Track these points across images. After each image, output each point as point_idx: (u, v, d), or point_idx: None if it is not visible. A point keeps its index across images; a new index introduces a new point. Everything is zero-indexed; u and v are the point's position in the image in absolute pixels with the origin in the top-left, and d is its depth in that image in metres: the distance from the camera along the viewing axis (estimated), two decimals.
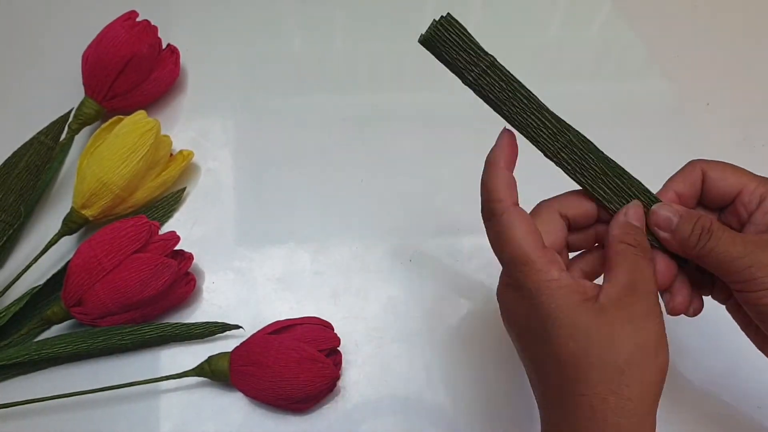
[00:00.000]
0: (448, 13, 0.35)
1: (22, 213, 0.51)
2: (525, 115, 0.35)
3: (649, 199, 0.37)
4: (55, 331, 0.49)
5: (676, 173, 0.38)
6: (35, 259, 0.49)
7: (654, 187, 0.37)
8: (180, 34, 0.61)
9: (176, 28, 0.62)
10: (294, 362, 0.44)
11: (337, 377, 0.46)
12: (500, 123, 0.37)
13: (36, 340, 0.48)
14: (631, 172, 0.37)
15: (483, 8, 0.66)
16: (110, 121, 0.52)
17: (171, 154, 0.54)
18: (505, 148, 0.36)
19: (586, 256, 0.38)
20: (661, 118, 0.60)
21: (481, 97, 0.36)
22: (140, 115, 0.52)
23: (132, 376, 0.46)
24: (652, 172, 0.38)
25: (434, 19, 0.35)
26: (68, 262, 0.47)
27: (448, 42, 0.35)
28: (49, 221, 0.53)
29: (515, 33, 0.64)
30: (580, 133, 0.36)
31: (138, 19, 0.55)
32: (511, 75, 0.35)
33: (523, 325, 0.35)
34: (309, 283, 0.51)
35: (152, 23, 0.56)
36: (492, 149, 0.36)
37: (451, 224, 0.53)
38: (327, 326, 0.47)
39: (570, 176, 0.36)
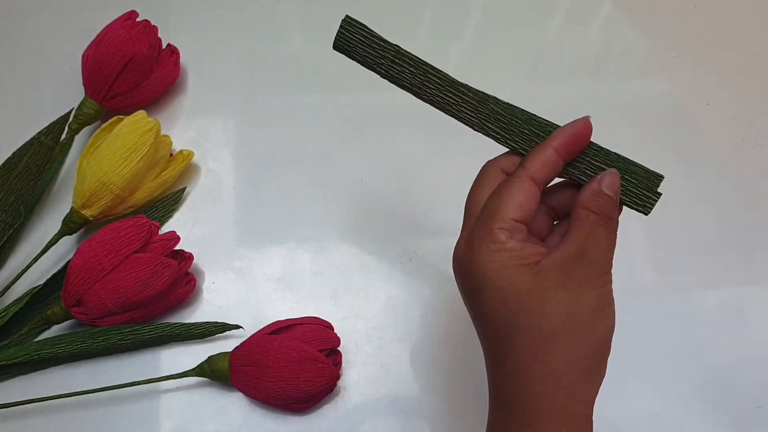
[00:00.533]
0: (346, 15, 0.36)
1: (22, 213, 0.51)
2: (442, 95, 0.36)
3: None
4: (55, 331, 0.49)
5: None
6: (35, 259, 0.49)
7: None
8: (180, 34, 0.61)
9: (176, 28, 0.62)
10: (294, 362, 0.44)
11: (337, 377, 0.46)
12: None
13: (36, 340, 0.48)
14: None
15: (483, 8, 0.66)
16: (110, 121, 0.52)
17: (171, 154, 0.54)
18: (569, 133, 0.35)
19: (557, 191, 0.37)
20: (661, 118, 0.60)
21: (399, 86, 0.37)
22: (140, 115, 0.51)
23: (132, 376, 0.46)
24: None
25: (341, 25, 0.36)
26: (68, 262, 0.47)
27: (353, 42, 0.36)
28: (49, 221, 0.53)
29: (515, 33, 0.64)
30: (500, 100, 0.36)
31: (138, 19, 0.55)
32: (419, 59, 0.36)
33: (466, 287, 0.34)
34: (309, 283, 0.51)
35: (152, 23, 0.56)
36: (562, 127, 0.35)
37: (451, 224, 0.53)
38: (327, 326, 0.47)
39: (503, 145, 0.36)
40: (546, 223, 0.37)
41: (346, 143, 0.57)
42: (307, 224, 0.54)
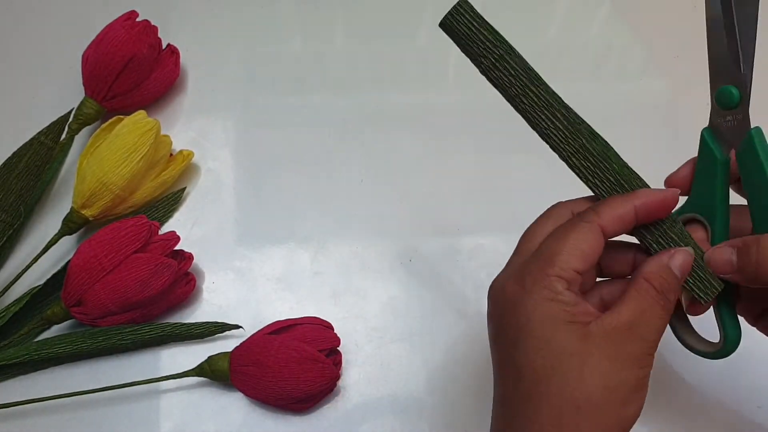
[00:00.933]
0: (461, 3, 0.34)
1: (22, 213, 0.51)
2: (534, 113, 0.34)
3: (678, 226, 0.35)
4: (55, 331, 0.49)
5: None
6: (35, 259, 0.49)
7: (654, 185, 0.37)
8: (180, 34, 0.61)
9: (176, 28, 0.61)
10: (294, 362, 0.44)
11: (337, 377, 0.46)
12: (501, 124, 0.37)
13: (36, 340, 0.48)
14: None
15: (483, 8, 0.66)
16: (110, 121, 0.52)
17: (171, 154, 0.54)
18: (657, 199, 0.33)
19: (614, 283, 0.35)
20: (661, 118, 0.60)
21: (495, 88, 0.35)
22: (140, 115, 0.51)
23: (132, 376, 0.46)
24: (652, 172, 0.38)
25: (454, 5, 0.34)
26: (68, 262, 0.47)
27: (461, 30, 0.34)
28: (49, 221, 0.53)
29: (515, 33, 0.64)
30: (596, 135, 0.34)
31: (138, 19, 0.55)
32: (521, 70, 0.34)
33: (501, 322, 0.32)
34: (309, 283, 0.51)
35: (152, 23, 0.56)
36: (650, 190, 0.34)
37: (451, 224, 0.53)
38: (327, 326, 0.47)
39: (583, 182, 0.35)
40: (592, 278, 0.35)
41: (346, 143, 0.57)
42: (307, 224, 0.54)
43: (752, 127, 0.34)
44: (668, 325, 0.35)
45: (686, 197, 0.38)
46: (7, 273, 0.51)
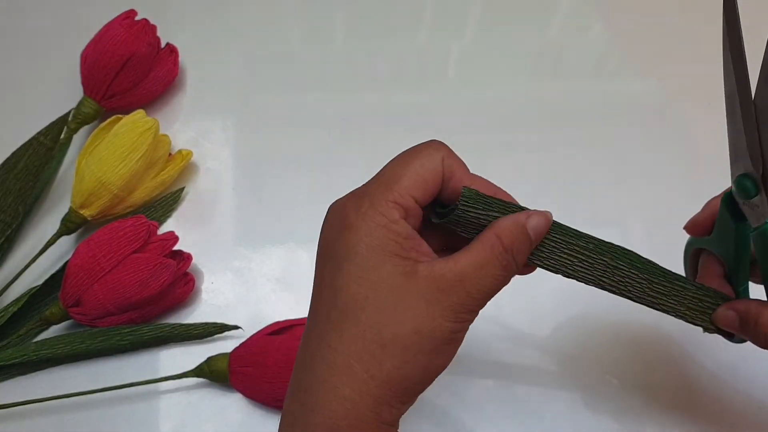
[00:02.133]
0: (463, 192, 0.31)
1: (21, 213, 0.51)
2: (557, 257, 0.33)
3: (707, 297, 0.35)
4: (53, 331, 0.48)
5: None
6: (34, 259, 0.49)
7: (655, 190, 0.37)
8: (179, 34, 0.60)
9: (175, 28, 0.61)
10: (293, 363, 0.43)
11: None
12: (500, 124, 0.37)
13: (34, 340, 0.48)
14: (630, 172, 0.35)
15: (483, 8, 0.66)
16: (109, 120, 0.52)
17: (170, 154, 0.54)
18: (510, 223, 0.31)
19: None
20: (661, 118, 0.59)
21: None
22: (139, 114, 0.51)
23: (131, 376, 0.46)
24: (653, 172, 0.38)
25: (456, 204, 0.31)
26: (67, 262, 0.47)
27: (472, 215, 0.31)
28: (48, 221, 0.53)
29: (515, 33, 0.64)
30: (618, 249, 0.33)
31: (137, 18, 0.55)
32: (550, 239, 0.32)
33: (332, 243, 0.30)
34: (309, 283, 0.51)
35: (151, 22, 0.56)
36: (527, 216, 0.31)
37: None
38: None
39: (618, 295, 0.34)
40: (440, 240, 0.33)
41: (346, 143, 0.57)
42: (307, 224, 0.53)
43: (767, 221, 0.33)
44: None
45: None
46: (5, 273, 0.51)
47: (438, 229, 0.32)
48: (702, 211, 0.38)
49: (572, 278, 0.33)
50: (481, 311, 0.30)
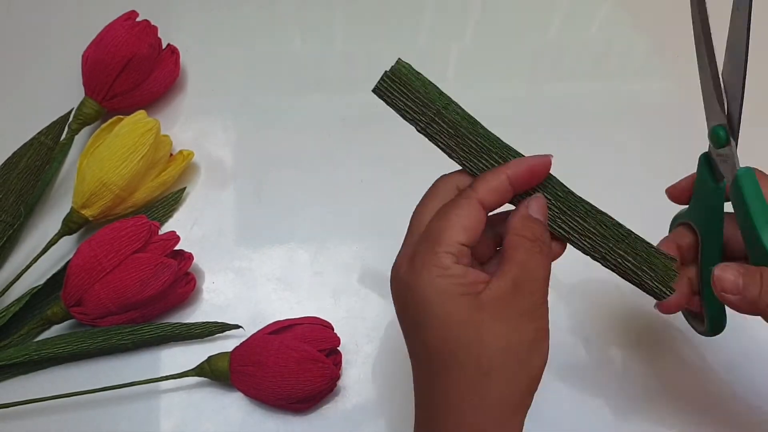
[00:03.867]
0: (398, 60, 0.35)
1: (22, 213, 0.51)
2: (475, 160, 0.35)
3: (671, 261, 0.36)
4: (54, 331, 0.49)
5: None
6: (35, 259, 0.49)
7: (655, 190, 0.37)
8: (180, 34, 0.61)
9: (176, 28, 0.61)
10: (294, 362, 0.44)
11: (337, 377, 0.46)
12: (500, 124, 0.37)
13: (36, 340, 0.48)
14: (630, 172, 0.36)
15: (483, 9, 0.66)
16: (110, 121, 0.52)
17: (171, 154, 0.54)
18: (525, 166, 0.34)
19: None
20: (661, 118, 0.59)
21: (434, 143, 0.36)
22: (140, 115, 0.51)
23: (132, 376, 0.46)
24: (653, 172, 0.38)
25: (385, 71, 0.35)
26: (68, 262, 0.47)
27: (394, 94, 0.35)
28: (49, 221, 0.53)
29: (515, 33, 0.64)
30: (588, 207, 0.36)
31: (138, 19, 0.55)
32: (458, 122, 0.35)
33: (402, 306, 0.33)
34: (309, 283, 0.51)
35: (152, 23, 0.56)
36: (521, 158, 0.35)
37: None
38: (327, 326, 0.47)
39: (588, 254, 0.36)
40: (490, 247, 0.36)
41: (346, 143, 0.57)
42: (307, 224, 0.54)
43: (740, 168, 0.35)
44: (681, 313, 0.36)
45: (686, 206, 0.38)
46: (7, 273, 0.51)
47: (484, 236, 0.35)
48: (685, 178, 0.39)
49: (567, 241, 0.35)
50: None
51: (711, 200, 0.36)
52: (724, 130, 0.34)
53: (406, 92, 0.35)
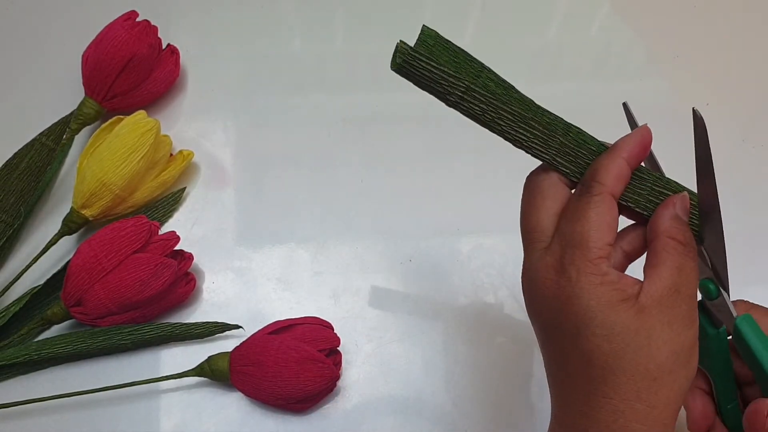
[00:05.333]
0: (423, 31, 0.32)
1: (23, 213, 0.51)
2: (513, 132, 0.34)
3: (660, 182, 0.35)
4: (54, 331, 0.49)
5: None
6: (35, 259, 0.49)
7: None
8: (180, 34, 0.61)
9: (176, 28, 0.61)
10: (294, 362, 0.44)
11: (337, 377, 0.46)
12: None
13: (36, 340, 0.48)
14: None
15: (483, 8, 0.66)
16: (110, 121, 0.52)
17: (171, 154, 0.54)
18: (636, 141, 0.33)
19: (629, 233, 0.35)
20: (661, 118, 0.59)
21: (468, 117, 0.34)
22: (140, 115, 0.51)
23: (132, 376, 0.46)
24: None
25: (398, 43, 0.32)
26: (68, 262, 0.47)
27: (417, 72, 0.32)
28: (49, 221, 0.53)
29: (515, 33, 0.64)
30: (571, 127, 0.34)
31: (138, 19, 0.55)
32: (489, 95, 0.33)
33: (553, 316, 0.32)
34: (309, 283, 0.51)
35: (152, 23, 0.56)
36: (625, 137, 0.34)
37: (451, 224, 0.53)
38: (327, 326, 0.47)
39: (572, 179, 0.35)
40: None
41: (346, 143, 0.57)
42: (307, 224, 0.54)
43: (737, 317, 0.35)
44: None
45: None
46: (7, 273, 0.51)
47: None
48: None
49: (530, 153, 0.34)
50: None
51: (714, 345, 0.36)
52: (713, 284, 0.35)
53: (429, 73, 0.32)
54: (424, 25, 0.32)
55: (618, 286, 0.31)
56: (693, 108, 0.34)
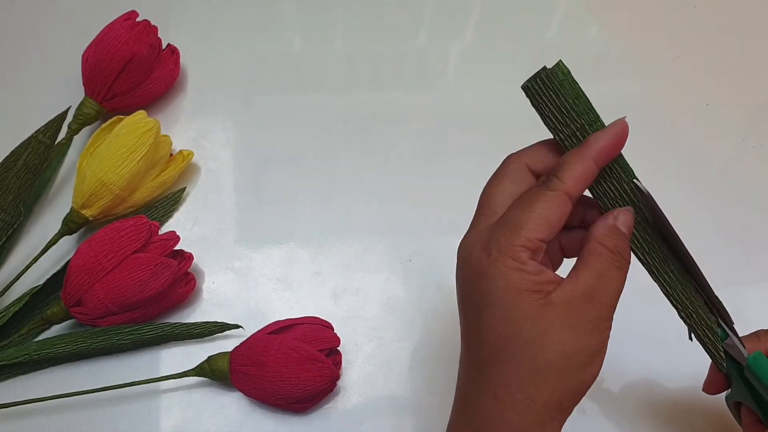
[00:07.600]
0: (558, 62, 0.33)
1: (22, 212, 0.51)
2: (606, 186, 0.35)
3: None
4: (54, 331, 0.49)
5: None
6: (35, 259, 0.49)
7: (654, 190, 0.37)
8: (180, 34, 0.61)
9: (176, 28, 0.62)
10: (294, 362, 0.44)
11: (337, 377, 0.46)
12: (501, 124, 0.37)
13: (36, 340, 0.48)
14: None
15: (483, 8, 0.66)
16: (110, 121, 0.52)
17: (171, 154, 0.54)
18: (609, 139, 0.33)
19: (571, 231, 0.36)
20: (661, 119, 0.60)
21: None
22: (140, 115, 0.52)
23: (132, 376, 0.46)
24: (652, 172, 0.38)
25: (541, 69, 0.33)
26: (68, 262, 0.47)
27: (544, 96, 0.34)
28: (49, 221, 0.53)
29: (515, 33, 0.64)
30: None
31: (138, 19, 0.55)
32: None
33: (468, 290, 0.33)
34: (309, 283, 0.51)
35: (152, 23, 0.56)
36: (598, 132, 0.33)
37: (451, 224, 0.53)
38: (327, 326, 0.47)
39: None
40: (553, 243, 0.36)
41: (346, 143, 0.57)
42: (307, 224, 0.54)
43: (747, 357, 0.36)
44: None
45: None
46: (7, 273, 0.51)
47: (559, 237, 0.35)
48: (710, 369, 0.40)
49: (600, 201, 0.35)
50: None
51: (746, 380, 0.37)
52: (719, 326, 0.36)
53: (556, 98, 0.33)
54: (560, 60, 0.33)
55: (533, 278, 0.31)
56: (633, 181, 0.35)
